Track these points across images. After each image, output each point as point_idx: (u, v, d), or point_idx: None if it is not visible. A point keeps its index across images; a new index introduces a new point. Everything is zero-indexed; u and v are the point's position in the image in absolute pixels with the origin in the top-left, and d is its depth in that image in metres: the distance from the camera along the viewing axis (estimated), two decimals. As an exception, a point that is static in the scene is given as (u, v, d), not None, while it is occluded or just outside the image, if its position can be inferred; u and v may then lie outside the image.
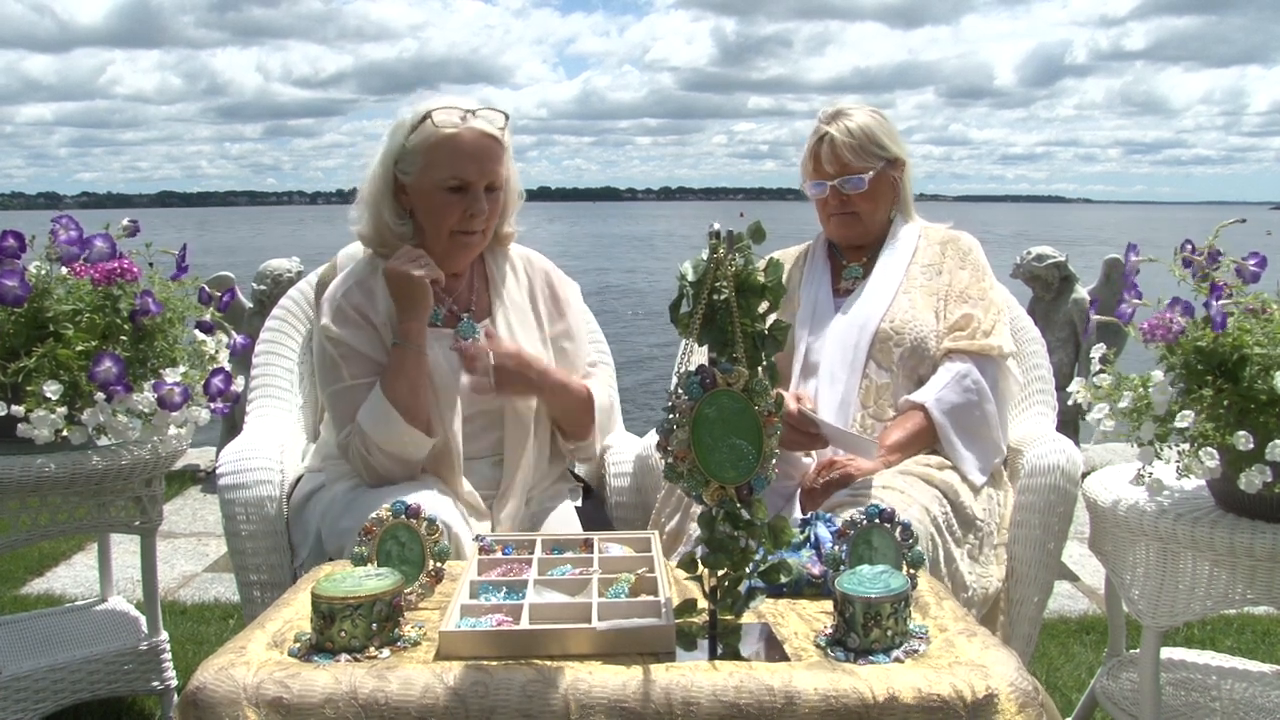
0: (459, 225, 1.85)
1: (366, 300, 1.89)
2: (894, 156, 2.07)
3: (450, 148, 1.81)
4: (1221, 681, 1.97)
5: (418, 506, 1.43)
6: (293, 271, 4.38)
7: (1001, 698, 1.11)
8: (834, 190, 2.06)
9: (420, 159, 1.83)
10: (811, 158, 2.09)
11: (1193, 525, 1.56)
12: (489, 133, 1.83)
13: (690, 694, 1.10)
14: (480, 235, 1.89)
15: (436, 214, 1.85)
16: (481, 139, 1.82)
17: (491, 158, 1.83)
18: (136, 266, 1.89)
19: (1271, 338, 1.47)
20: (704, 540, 1.22)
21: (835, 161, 2.04)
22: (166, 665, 2.15)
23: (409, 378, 1.81)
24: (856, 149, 2.03)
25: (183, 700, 1.14)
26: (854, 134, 2.03)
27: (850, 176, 2.04)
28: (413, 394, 1.81)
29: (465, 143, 1.81)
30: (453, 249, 1.89)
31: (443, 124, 1.80)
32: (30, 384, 1.73)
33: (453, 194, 1.83)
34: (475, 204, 1.83)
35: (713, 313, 1.19)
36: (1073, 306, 4.58)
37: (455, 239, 1.87)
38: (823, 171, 2.06)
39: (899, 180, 2.11)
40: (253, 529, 1.89)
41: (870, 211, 2.08)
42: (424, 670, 1.14)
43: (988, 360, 1.98)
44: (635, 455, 2.13)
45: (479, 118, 1.83)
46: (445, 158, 1.81)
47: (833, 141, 2.04)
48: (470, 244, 1.90)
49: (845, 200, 2.06)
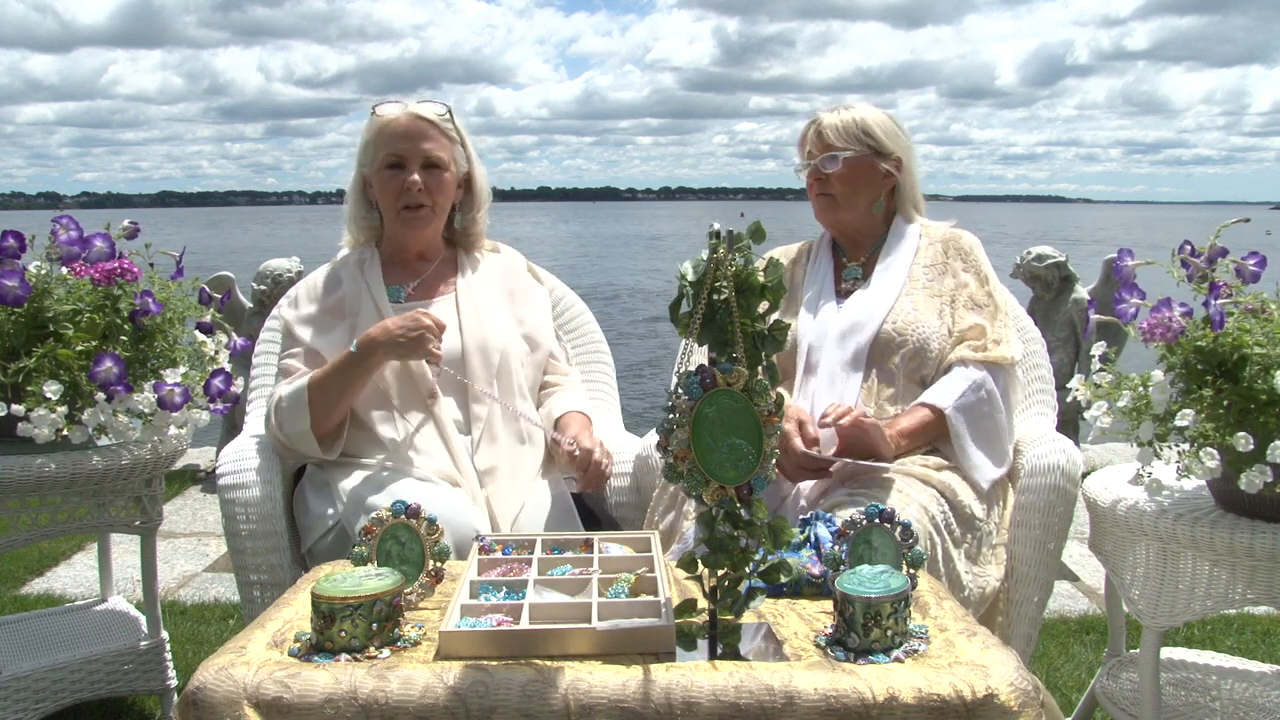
0: (402, 200, 2.01)
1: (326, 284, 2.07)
2: (887, 150, 2.08)
3: (388, 131, 2.01)
4: (1221, 681, 1.97)
5: (418, 506, 1.43)
6: (293, 271, 4.38)
7: (1001, 697, 1.11)
8: (813, 170, 2.09)
9: (370, 150, 2.03)
10: (801, 142, 2.14)
11: (1193, 525, 1.56)
12: (422, 115, 2.02)
13: (690, 694, 1.10)
14: (427, 210, 2.03)
15: (384, 195, 2.03)
16: (415, 120, 2.01)
17: (424, 136, 2.00)
18: (136, 266, 1.89)
19: (1271, 338, 1.47)
20: (704, 540, 1.22)
21: (819, 141, 2.08)
22: (166, 665, 2.15)
23: (338, 387, 1.89)
24: (841, 131, 2.07)
25: (183, 700, 1.14)
26: (843, 119, 2.08)
27: (829, 154, 2.06)
28: (336, 402, 1.89)
29: (400, 123, 2.01)
30: (403, 227, 2.05)
31: (382, 113, 2.03)
32: (30, 384, 1.73)
33: (391, 171, 2.00)
34: (409, 177, 1.99)
35: (713, 313, 1.19)
36: (1073, 306, 4.58)
37: (403, 216, 2.03)
38: (810, 153, 2.10)
39: (895, 176, 2.11)
40: (253, 529, 1.89)
41: (847, 195, 2.09)
42: (424, 670, 1.14)
43: (998, 369, 1.99)
44: (635, 455, 2.13)
45: (415, 106, 2.03)
46: (383, 139, 2.01)
47: (820, 124, 2.09)
48: (417, 219, 2.03)
49: (823, 180, 2.09)
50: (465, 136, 2.08)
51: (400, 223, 2.04)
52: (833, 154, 2.06)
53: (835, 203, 2.10)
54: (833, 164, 2.06)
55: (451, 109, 2.05)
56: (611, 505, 2.12)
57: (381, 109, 2.04)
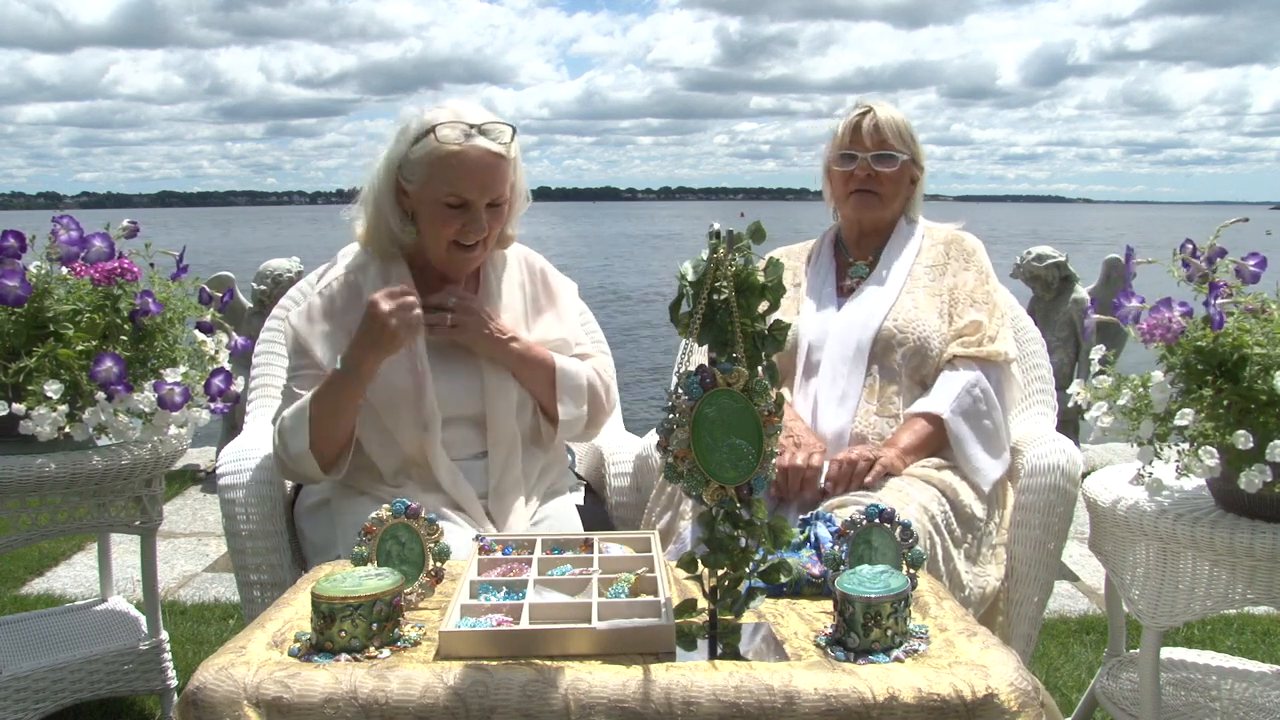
0: (458, 237, 1.83)
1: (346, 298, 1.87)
2: (918, 155, 2.11)
3: (453, 165, 1.77)
4: (1221, 681, 1.97)
5: (418, 507, 1.43)
6: (293, 271, 4.38)
7: (1001, 697, 1.11)
8: (865, 164, 2.06)
9: (422, 171, 1.79)
10: (851, 130, 2.08)
11: (1193, 525, 1.56)
12: (493, 150, 1.78)
13: (690, 694, 1.10)
14: (481, 247, 1.85)
15: (436, 226, 1.82)
16: (485, 157, 1.78)
17: (495, 176, 1.79)
18: (136, 266, 1.89)
19: (1271, 338, 1.47)
20: (704, 540, 1.22)
21: (876, 136, 2.06)
22: (166, 665, 2.15)
23: (336, 402, 1.76)
24: (896, 132, 2.06)
25: (183, 700, 1.14)
26: (897, 119, 2.07)
27: (887, 153, 2.05)
28: (333, 419, 1.77)
29: (468, 161, 1.77)
30: (451, 260, 1.86)
31: (446, 140, 1.76)
32: (31, 384, 1.73)
33: (453, 210, 1.80)
34: (475, 222, 1.80)
35: (713, 313, 1.19)
36: (1073, 306, 4.59)
37: (454, 251, 1.84)
38: (860, 144, 2.07)
39: (917, 181, 2.13)
40: (253, 529, 1.89)
41: (891, 196, 2.09)
42: (424, 670, 1.14)
43: (992, 366, 1.99)
44: (635, 455, 2.13)
45: (484, 134, 1.78)
46: (447, 175, 1.77)
47: (877, 117, 2.06)
48: (470, 257, 1.86)
49: (873, 177, 2.06)
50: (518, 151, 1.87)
51: (449, 255, 1.85)
52: (891, 154, 2.05)
53: (880, 201, 2.08)
54: (890, 164, 2.05)
55: (514, 126, 1.81)
56: (611, 505, 2.12)
57: (444, 133, 1.76)
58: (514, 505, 1.88)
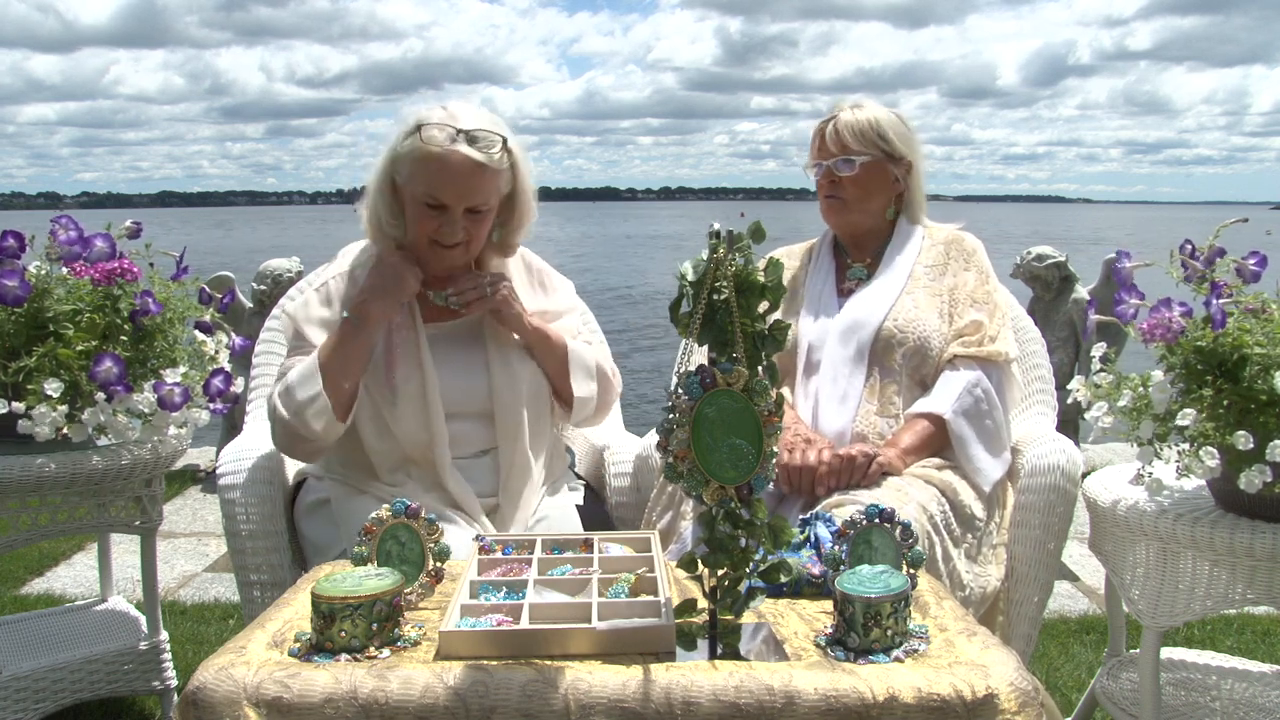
0: (435, 237, 1.83)
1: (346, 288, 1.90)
2: (899, 154, 2.07)
3: (433, 167, 1.76)
4: (1221, 681, 1.97)
5: (418, 507, 1.43)
6: (293, 271, 4.38)
7: (1001, 697, 1.11)
8: (827, 171, 2.07)
9: (407, 168, 1.79)
10: (817, 138, 2.10)
11: (1193, 525, 1.56)
12: (475, 159, 1.75)
13: (690, 694, 1.10)
14: (461, 248, 1.85)
15: (416, 223, 1.83)
16: (466, 164, 1.75)
17: (474, 184, 1.78)
18: (136, 266, 1.89)
19: (1271, 338, 1.47)
20: (704, 540, 1.22)
21: (837, 140, 2.06)
22: (166, 665, 2.15)
23: (344, 352, 1.78)
24: (857, 133, 2.04)
25: (183, 700, 1.14)
26: (860, 120, 2.05)
27: (846, 156, 2.05)
28: (341, 368, 1.77)
29: (449, 165, 1.75)
30: (431, 256, 1.86)
31: (430, 140, 1.75)
32: (31, 383, 1.73)
33: (431, 210, 1.80)
34: (450, 225, 1.80)
35: (713, 313, 1.19)
36: (1073, 306, 4.58)
37: (433, 248, 1.85)
38: (825, 151, 2.08)
39: (902, 180, 2.10)
40: (253, 529, 1.89)
41: (858, 199, 2.07)
42: (424, 670, 1.14)
43: (993, 366, 1.99)
44: (635, 455, 2.13)
45: (471, 141, 1.76)
46: (427, 175, 1.77)
47: (838, 122, 2.06)
48: (448, 256, 1.86)
49: (835, 183, 2.07)
50: (519, 158, 1.85)
51: (430, 251, 1.85)
52: (848, 157, 2.04)
53: (845, 205, 2.09)
54: (847, 167, 2.05)
55: (506, 136, 1.80)
56: (611, 505, 2.12)
57: (428, 133, 1.75)
58: (524, 497, 1.89)
